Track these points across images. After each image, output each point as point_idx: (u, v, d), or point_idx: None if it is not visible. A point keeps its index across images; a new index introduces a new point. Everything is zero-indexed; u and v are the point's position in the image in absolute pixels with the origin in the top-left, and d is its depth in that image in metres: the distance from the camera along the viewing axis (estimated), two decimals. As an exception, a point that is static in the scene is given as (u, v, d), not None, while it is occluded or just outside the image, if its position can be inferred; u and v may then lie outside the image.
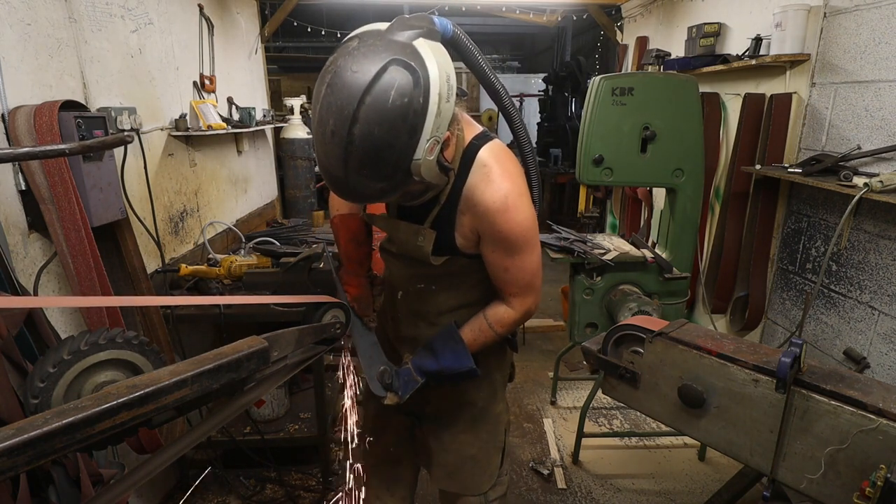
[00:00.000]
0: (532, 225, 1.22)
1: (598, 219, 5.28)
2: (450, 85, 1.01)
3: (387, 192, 1.06)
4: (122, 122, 2.02)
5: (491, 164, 1.19)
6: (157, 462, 0.90)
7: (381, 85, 0.94)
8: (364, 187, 1.03)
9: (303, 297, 1.31)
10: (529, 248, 1.23)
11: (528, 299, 1.30)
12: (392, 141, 0.97)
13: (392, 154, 0.99)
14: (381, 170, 1.00)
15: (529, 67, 11.56)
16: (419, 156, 1.00)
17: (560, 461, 2.78)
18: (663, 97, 2.36)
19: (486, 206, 1.17)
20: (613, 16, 5.18)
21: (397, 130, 0.96)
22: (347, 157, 0.98)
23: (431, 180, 1.08)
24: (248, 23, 3.92)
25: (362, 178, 1.01)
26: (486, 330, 1.31)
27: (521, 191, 1.21)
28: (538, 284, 1.31)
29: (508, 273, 1.25)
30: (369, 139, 0.96)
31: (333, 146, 0.98)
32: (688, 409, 1.42)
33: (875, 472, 1.06)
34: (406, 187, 1.08)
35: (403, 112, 0.95)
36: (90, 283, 1.65)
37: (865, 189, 1.99)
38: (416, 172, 1.02)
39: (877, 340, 2.20)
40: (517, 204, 1.18)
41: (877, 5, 2.16)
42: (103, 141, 1.30)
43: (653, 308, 2.41)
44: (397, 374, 1.34)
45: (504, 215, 1.17)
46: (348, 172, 1.00)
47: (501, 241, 1.21)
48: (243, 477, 2.63)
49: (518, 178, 1.22)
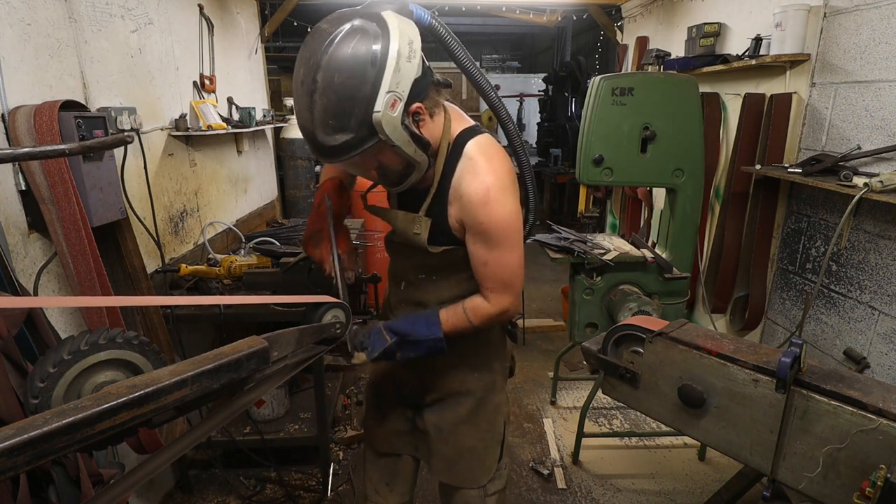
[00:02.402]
0: (513, 221, 1.24)
1: (598, 219, 5.28)
2: (412, 48, 1.08)
3: (353, 146, 1.10)
4: (122, 122, 2.02)
5: (476, 157, 1.24)
6: (157, 462, 0.90)
7: (343, 37, 1.05)
8: (332, 140, 1.09)
9: (303, 297, 1.31)
10: (509, 245, 1.25)
11: (505, 298, 1.30)
12: (352, 91, 1.04)
13: (352, 104, 1.05)
14: (344, 120, 1.07)
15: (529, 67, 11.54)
16: (379, 108, 1.06)
17: (560, 461, 2.78)
18: (663, 97, 2.36)
19: (469, 198, 1.22)
20: (613, 16, 5.18)
21: (356, 79, 1.04)
22: (313, 106, 1.06)
23: (402, 145, 1.13)
24: (248, 23, 3.92)
25: (329, 130, 1.08)
26: (461, 315, 1.32)
27: (505, 185, 1.23)
28: (517, 285, 1.31)
29: (487, 267, 1.27)
30: (331, 86, 1.04)
31: (302, 95, 1.07)
32: (688, 409, 1.42)
33: (875, 472, 1.06)
34: (375, 148, 1.12)
35: (362, 62, 1.04)
36: (90, 283, 1.65)
37: (865, 189, 1.99)
38: (380, 129, 1.08)
39: (877, 340, 2.20)
40: (499, 197, 1.21)
41: (877, 5, 2.16)
42: (103, 141, 1.30)
43: (653, 308, 2.41)
44: (368, 334, 1.34)
45: (485, 207, 1.21)
46: (315, 123, 1.08)
47: (482, 233, 1.24)
48: (243, 477, 2.63)
49: (504, 173, 1.25)
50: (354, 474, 2.66)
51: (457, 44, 1.28)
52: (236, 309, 2.26)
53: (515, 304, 1.34)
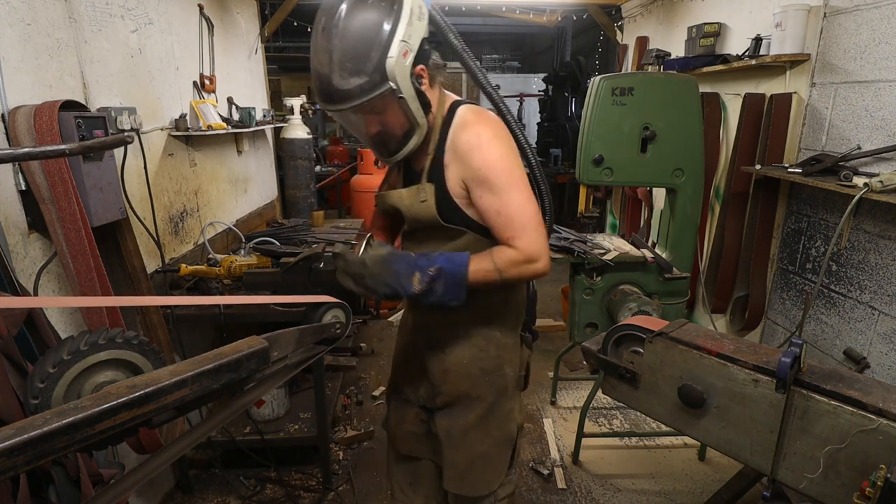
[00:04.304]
0: (509, 163, 1.26)
1: (598, 219, 5.29)
2: (421, 11, 1.19)
3: (366, 90, 1.16)
4: (122, 122, 2.02)
5: (467, 115, 1.31)
6: (157, 462, 0.90)
7: None
8: (346, 83, 1.16)
9: (303, 297, 1.31)
10: (515, 186, 1.25)
11: (530, 240, 1.24)
12: (370, 34, 1.14)
13: (370, 47, 1.14)
14: (361, 62, 1.14)
15: (529, 67, 11.54)
16: (392, 53, 1.14)
17: (560, 461, 2.78)
18: (663, 97, 2.36)
19: (462, 147, 1.26)
20: (613, 16, 5.18)
21: (375, 24, 1.14)
22: (333, 49, 1.14)
23: (408, 98, 1.20)
24: (248, 23, 3.92)
25: (345, 74, 1.15)
26: (486, 258, 1.26)
27: (497, 133, 1.28)
28: (537, 225, 1.27)
29: (501, 216, 1.26)
30: (351, 29, 1.13)
31: (323, 40, 1.15)
32: (688, 409, 1.42)
33: (875, 472, 1.06)
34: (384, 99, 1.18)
35: (380, 12, 1.14)
36: (90, 283, 1.65)
37: (865, 189, 1.99)
38: (392, 76, 1.16)
39: (877, 340, 2.20)
40: (491, 141, 1.26)
41: (877, 5, 2.16)
42: (103, 141, 1.30)
43: (653, 308, 2.41)
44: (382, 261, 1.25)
45: (478, 150, 1.25)
46: (333, 65, 1.15)
47: (482, 180, 1.25)
48: (243, 477, 2.63)
49: (495, 124, 1.30)
50: (354, 474, 2.66)
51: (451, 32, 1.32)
52: (236, 309, 2.26)
53: (541, 246, 1.26)
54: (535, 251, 1.25)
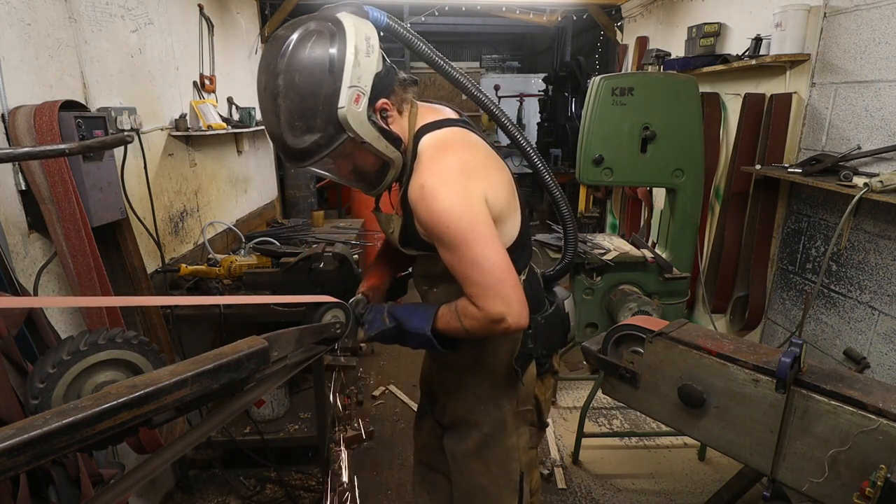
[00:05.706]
0: (456, 216, 1.09)
1: (598, 219, 5.28)
2: (369, 44, 1.09)
3: (322, 145, 1.10)
4: (122, 122, 2.02)
5: (424, 153, 1.18)
6: (157, 462, 0.90)
7: (300, 39, 1.06)
8: (301, 142, 1.09)
9: (303, 297, 1.31)
10: (464, 239, 1.09)
11: (491, 303, 1.11)
12: (314, 88, 1.05)
13: (317, 102, 1.06)
14: (311, 120, 1.07)
15: (529, 67, 11.53)
16: (343, 104, 1.06)
17: (560, 461, 2.78)
18: (663, 97, 2.36)
19: (411, 197, 1.15)
20: (613, 16, 5.17)
21: (317, 77, 1.05)
22: (278, 110, 1.07)
23: (371, 141, 1.13)
24: (248, 23, 3.92)
25: (297, 132, 1.08)
26: (453, 314, 1.19)
27: (446, 180, 1.11)
28: (498, 286, 1.11)
29: (457, 272, 1.14)
30: (293, 87, 1.05)
31: (267, 101, 1.08)
32: (688, 409, 1.42)
33: (875, 472, 1.06)
34: (346, 147, 1.12)
35: (321, 60, 1.05)
36: (90, 283, 1.65)
37: (865, 189, 1.99)
38: (347, 125, 1.08)
39: (877, 340, 2.20)
40: (435, 193, 1.10)
41: (877, 5, 2.16)
42: (103, 141, 1.30)
43: (653, 308, 2.41)
44: (370, 309, 1.31)
45: (422, 203, 1.12)
46: (283, 127, 1.08)
47: (432, 234, 1.14)
48: (243, 477, 2.63)
49: (449, 167, 1.14)
50: (354, 474, 2.66)
51: (421, 42, 1.24)
52: (236, 309, 2.26)
53: (506, 309, 1.11)
54: (497, 312, 1.11)
